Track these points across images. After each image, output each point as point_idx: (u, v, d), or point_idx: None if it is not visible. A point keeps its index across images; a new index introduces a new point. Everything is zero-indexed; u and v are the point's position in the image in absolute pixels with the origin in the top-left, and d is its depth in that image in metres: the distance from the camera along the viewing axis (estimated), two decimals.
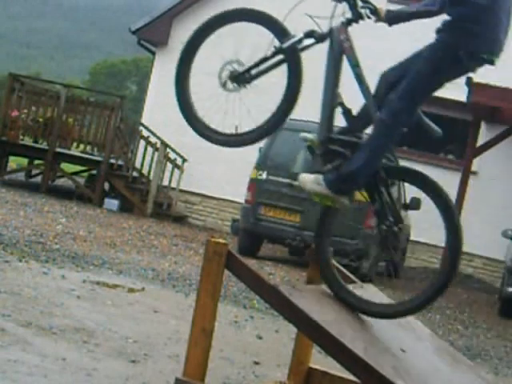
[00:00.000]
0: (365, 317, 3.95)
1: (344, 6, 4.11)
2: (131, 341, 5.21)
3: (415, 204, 13.62)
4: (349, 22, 4.09)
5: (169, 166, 15.60)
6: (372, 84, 4.15)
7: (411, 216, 14.17)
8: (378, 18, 4.08)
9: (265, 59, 4.08)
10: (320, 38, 4.08)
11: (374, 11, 4.05)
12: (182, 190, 15.93)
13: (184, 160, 15.70)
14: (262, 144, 12.49)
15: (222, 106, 4.16)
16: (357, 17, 4.06)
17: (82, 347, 4.81)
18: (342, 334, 3.49)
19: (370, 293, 4.17)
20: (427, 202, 10.87)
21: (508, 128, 12.29)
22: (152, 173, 15.42)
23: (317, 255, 4.01)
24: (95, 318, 5.65)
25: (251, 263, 9.87)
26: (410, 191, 13.94)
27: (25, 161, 18.12)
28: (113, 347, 4.96)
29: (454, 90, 14.59)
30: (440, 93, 14.81)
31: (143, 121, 16.32)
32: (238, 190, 14.27)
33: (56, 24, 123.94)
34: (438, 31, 3.77)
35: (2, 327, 4.82)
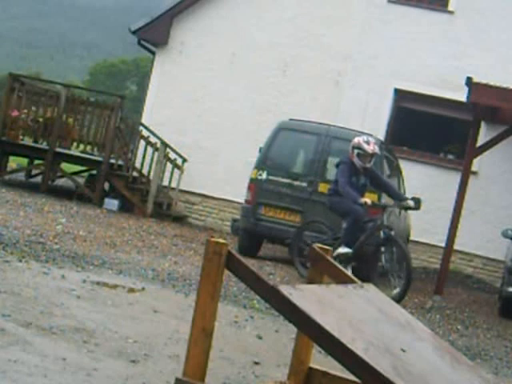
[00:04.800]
0: (365, 317, 3.95)
1: None
2: (131, 341, 5.22)
3: (415, 204, 13.62)
4: None
5: (169, 166, 15.61)
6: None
7: (411, 216, 14.17)
8: None
9: None
10: None
11: None
12: (181, 190, 15.94)
13: (184, 160, 15.71)
14: (261, 144, 12.52)
15: None
16: None
17: (81, 347, 4.81)
18: (342, 334, 3.49)
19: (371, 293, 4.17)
20: (427, 203, 10.91)
21: (508, 128, 12.29)
22: (152, 173, 15.42)
23: None
24: (95, 318, 5.65)
25: (251, 263, 9.87)
26: (410, 191, 13.95)
27: (25, 161, 18.12)
28: (113, 347, 4.96)
29: (454, 90, 14.68)
30: (440, 93, 15.05)
31: (143, 121, 16.32)
32: (238, 190, 14.29)
33: (56, 24, 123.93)
34: None
35: (2, 327, 4.83)
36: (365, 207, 9.91)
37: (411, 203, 10.41)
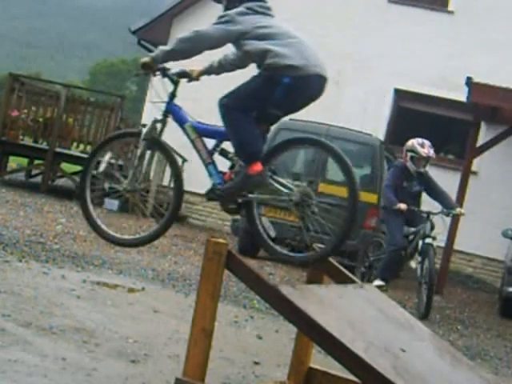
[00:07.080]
0: (365, 317, 3.95)
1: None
2: (131, 341, 5.21)
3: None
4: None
5: None
6: None
7: None
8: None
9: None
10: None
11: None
12: None
13: (184, 160, 15.70)
14: None
15: None
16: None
17: (81, 347, 4.81)
18: (342, 334, 3.49)
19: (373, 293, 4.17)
20: (427, 203, 10.85)
21: (508, 128, 12.29)
22: (152, 173, 15.42)
23: None
24: (95, 318, 5.65)
25: (251, 263, 9.86)
26: None
27: (25, 161, 18.12)
28: (113, 347, 4.96)
29: (454, 90, 14.67)
30: (440, 93, 14.96)
31: (143, 121, 16.31)
32: None
33: (56, 24, 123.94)
34: None
35: (2, 327, 4.82)
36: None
37: (460, 210, 9.84)
